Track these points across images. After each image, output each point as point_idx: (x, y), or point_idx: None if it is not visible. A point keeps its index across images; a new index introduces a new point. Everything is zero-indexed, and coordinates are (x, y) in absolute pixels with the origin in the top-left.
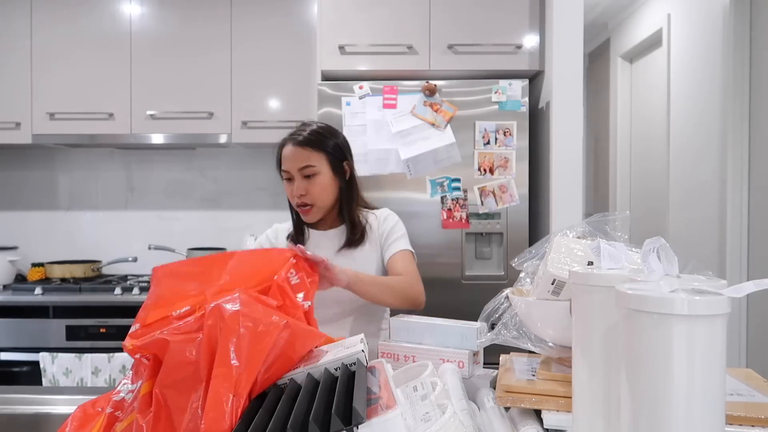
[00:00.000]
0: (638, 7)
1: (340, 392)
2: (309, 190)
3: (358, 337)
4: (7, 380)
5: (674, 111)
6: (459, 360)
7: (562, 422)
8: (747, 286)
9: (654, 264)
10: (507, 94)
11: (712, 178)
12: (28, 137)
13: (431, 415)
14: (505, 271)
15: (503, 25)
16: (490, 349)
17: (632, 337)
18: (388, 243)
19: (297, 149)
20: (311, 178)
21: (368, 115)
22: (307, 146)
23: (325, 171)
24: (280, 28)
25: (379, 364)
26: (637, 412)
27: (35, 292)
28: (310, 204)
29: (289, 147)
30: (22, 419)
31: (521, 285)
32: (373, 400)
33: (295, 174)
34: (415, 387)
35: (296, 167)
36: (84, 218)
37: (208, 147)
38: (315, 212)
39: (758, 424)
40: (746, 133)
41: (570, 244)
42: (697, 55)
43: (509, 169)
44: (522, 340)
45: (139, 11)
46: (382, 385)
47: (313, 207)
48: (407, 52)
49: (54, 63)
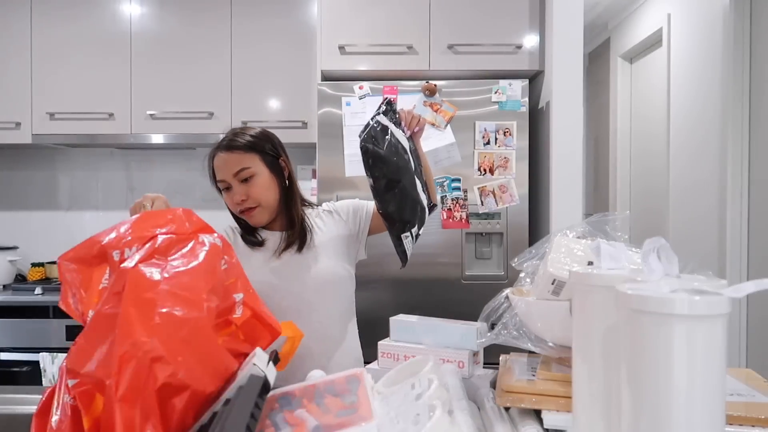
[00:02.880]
0: (638, 7)
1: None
2: (249, 193)
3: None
4: (7, 380)
5: (674, 111)
6: (459, 360)
7: (562, 422)
8: (747, 286)
9: (654, 264)
10: (507, 94)
11: (712, 178)
12: (28, 137)
13: (421, 417)
14: (505, 271)
15: (503, 25)
16: (490, 349)
17: (632, 337)
18: (357, 210)
19: (228, 155)
20: (249, 181)
21: (368, 115)
22: (237, 150)
23: (262, 170)
24: (280, 28)
25: (360, 373)
26: (637, 412)
27: (35, 292)
28: (255, 205)
29: (221, 155)
30: (22, 419)
31: (521, 285)
32: (349, 411)
33: (232, 181)
34: (413, 384)
35: (231, 173)
36: (84, 218)
37: (208, 147)
38: (261, 213)
39: (758, 424)
40: (746, 133)
41: (570, 244)
42: (697, 55)
43: (509, 169)
44: (522, 340)
45: (139, 11)
46: (361, 397)
47: (258, 207)
48: (407, 52)
49: (54, 63)
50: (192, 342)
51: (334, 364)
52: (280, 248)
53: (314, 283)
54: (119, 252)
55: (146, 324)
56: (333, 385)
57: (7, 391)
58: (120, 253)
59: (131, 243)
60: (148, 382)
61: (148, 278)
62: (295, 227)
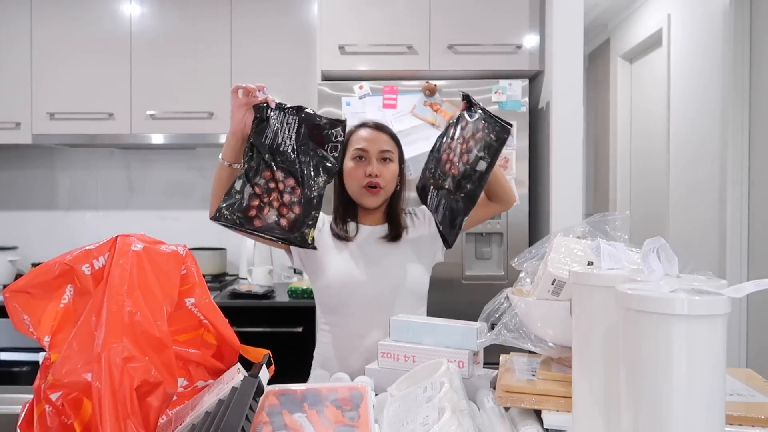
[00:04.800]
0: (638, 7)
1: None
2: (383, 172)
3: (235, 368)
4: (7, 380)
5: (674, 111)
6: (459, 360)
7: (562, 422)
8: (747, 286)
9: (654, 264)
10: (507, 94)
11: (712, 178)
12: (28, 137)
13: (430, 419)
14: (505, 271)
15: (503, 25)
16: (490, 349)
17: (632, 337)
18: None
19: (379, 133)
20: (386, 163)
21: (368, 115)
22: (387, 134)
23: (396, 162)
24: (280, 28)
25: (364, 388)
26: (637, 412)
27: None
28: (381, 185)
29: (369, 130)
30: None
31: (521, 285)
32: (348, 429)
33: (374, 155)
34: (425, 387)
35: (377, 149)
36: (84, 218)
37: (208, 147)
38: (381, 195)
39: (758, 424)
40: (746, 133)
41: (570, 244)
42: (697, 55)
43: (509, 169)
44: (522, 340)
45: (139, 11)
46: (362, 415)
47: (382, 190)
48: (407, 52)
49: (54, 63)
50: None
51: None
52: (373, 238)
53: (394, 276)
54: (89, 265)
55: (117, 326)
56: (336, 393)
57: (7, 391)
58: (90, 266)
59: (98, 254)
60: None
61: (119, 282)
62: (393, 223)
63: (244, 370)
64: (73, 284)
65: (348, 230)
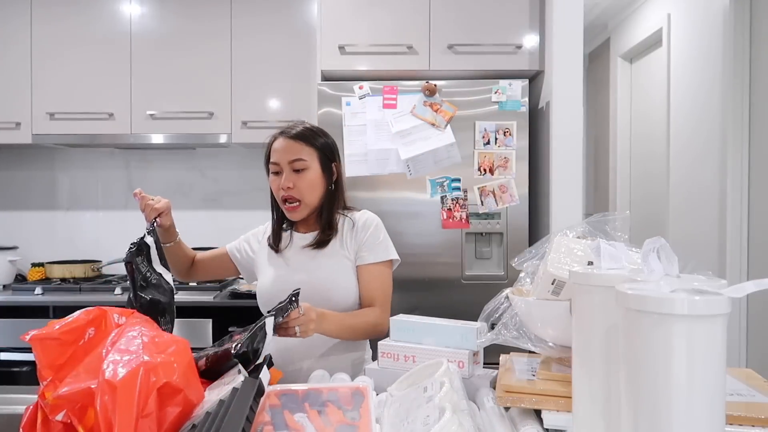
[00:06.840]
0: (638, 7)
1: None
2: (297, 183)
3: (236, 369)
4: (7, 380)
5: (674, 111)
6: (459, 360)
7: (562, 422)
8: (747, 286)
9: (654, 264)
10: (507, 94)
11: (712, 178)
12: (28, 137)
13: (430, 419)
14: (505, 271)
15: (503, 25)
16: (490, 349)
17: (632, 337)
18: (363, 251)
19: (289, 142)
20: (300, 173)
21: (368, 115)
22: (299, 140)
23: (315, 167)
24: (280, 28)
25: (365, 389)
26: (637, 412)
27: (35, 292)
28: (298, 200)
29: (281, 140)
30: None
31: (521, 285)
32: (349, 429)
33: (285, 167)
34: (426, 387)
35: (287, 159)
36: (84, 218)
37: (208, 147)
38: (301, 210)
39: (758, 424)
40: (746, 133)
41: (570, 244)
42: (697, 55)
43: (509, 169)
44: (522, 340)
45: (139, 11)
46: (363, 416)
47: (300, 204)
48: (407, 52)
49: (54, 63)
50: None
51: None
52: (301, 245)
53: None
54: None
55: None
56: (337, 394)
57: (7, 391)
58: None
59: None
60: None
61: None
62: (328, 230)
63: (245, 371)
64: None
65: (281, 239)
